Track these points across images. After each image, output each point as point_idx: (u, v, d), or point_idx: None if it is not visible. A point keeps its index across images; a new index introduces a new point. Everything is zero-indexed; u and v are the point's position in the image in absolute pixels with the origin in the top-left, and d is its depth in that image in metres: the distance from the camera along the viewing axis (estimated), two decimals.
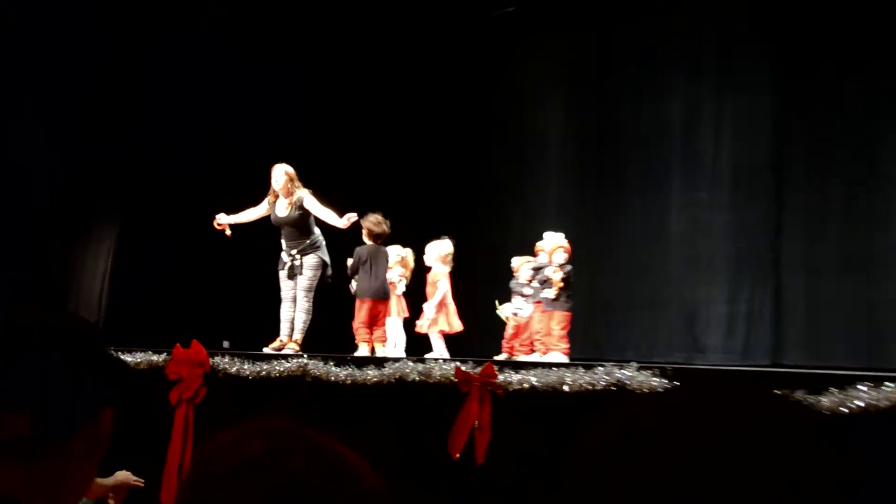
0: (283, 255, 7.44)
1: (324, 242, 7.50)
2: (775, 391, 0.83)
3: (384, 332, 7.42)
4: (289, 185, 7.43)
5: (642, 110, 9.85)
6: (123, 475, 4.32)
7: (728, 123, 9.50)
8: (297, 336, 7.28)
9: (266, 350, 7.07)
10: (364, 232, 7.42)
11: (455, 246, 7.92)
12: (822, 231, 9.03)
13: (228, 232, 7.52)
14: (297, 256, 7.35)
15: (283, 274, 7.42)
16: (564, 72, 10.32)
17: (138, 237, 9.18)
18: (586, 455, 0.78)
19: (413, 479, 5.27)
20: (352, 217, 7.23)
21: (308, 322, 7.34)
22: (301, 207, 7.36)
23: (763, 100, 9.34)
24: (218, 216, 7.54)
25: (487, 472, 5.38)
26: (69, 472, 1.29)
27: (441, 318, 7.70)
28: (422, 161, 10.29)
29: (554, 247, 7.58)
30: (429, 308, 7.64)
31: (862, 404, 4.90)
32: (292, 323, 7.32)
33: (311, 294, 7.38)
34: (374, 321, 7.33)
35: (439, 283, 7.67)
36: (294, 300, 7.35)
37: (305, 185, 7.57)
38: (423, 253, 7.95)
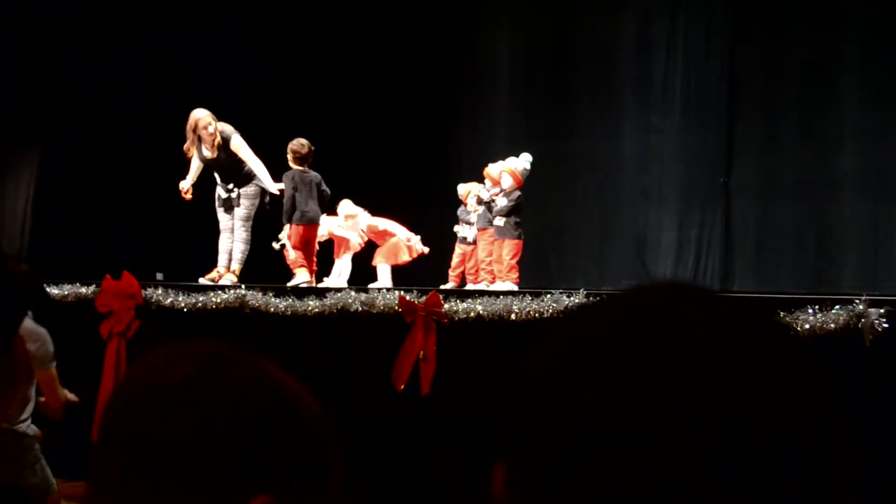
0: (219, 190, 7.17)
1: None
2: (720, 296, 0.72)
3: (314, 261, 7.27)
4: (203, 132, 7.13)
5: (593, 33, 9.66)
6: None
7: (680, 46, 9.36)
8: (235, 266, 7.06)
9: (202, 281, 6.83)
10: (290, 157, 7.16)
11: (409, 174, 7.74)
12: (773, 156, 9.01)
13: (189, 196, 7.26)
14: (234, 188, 7.12)
15: (220, 208, 7.18)
16: None
17: (64, 162, 8.84)
18: (528, 384, 0.70)
19: (357, 412, 5.15)
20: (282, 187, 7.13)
21: (246, 252, 7.13)
22: (226, 150, 7.13)
23: (716, 22, 9.22)
24: (181, 185, 7.21)
25: (432, 403, 5.30)
26: None
27: (386, 249, 7.56)
28: (373, 89, 10.01)
29: (501, 171, 7.36)
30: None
31: (809, 327, 4.87)
32: (230, 254, 7.10)
33: (250, 223, 7.17)
34: (309, 247, 7.14)
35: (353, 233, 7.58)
36: (232, 230, 7.13)
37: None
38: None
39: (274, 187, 7.09)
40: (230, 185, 7.14)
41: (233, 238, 7.12)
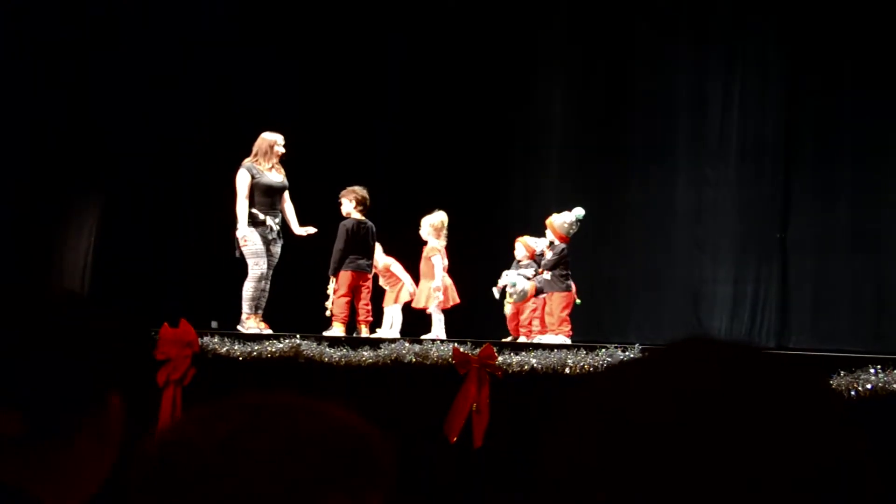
0: (271, 222, 7.18)
1: None
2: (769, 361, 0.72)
3: (369, 310, 7.32)
4: (279, 153, 7.30)
5: (649, 84, 9.66)
6: None
7: (736, 98, 9.32)
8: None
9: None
10: (354, 204, 7.27)
11: (457, 224, 7.74)
12: (830, 210, 8.91)
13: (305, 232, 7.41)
14: (279, 229, 7.24)
15: (264, 239, 7.14)
16: (570, 44, 10.11)
17: (124, 211, 9.01)
18: (561, 444, 0.71)
19: (409, 464, 5.13)
20: (310, 231, 7.33)
21: None
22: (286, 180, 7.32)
23: (773, 74, 9.18)
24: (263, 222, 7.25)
25: (485, 456, 5.27)
26: (75, 464, 1.22)
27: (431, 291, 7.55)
28: (422, 138, 10.10)
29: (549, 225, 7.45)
30: (427, 286, 7.47)
31: (871, 387, 4.78)
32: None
33: None
34: (358, 294, 7.22)
35: (433, 258, 7.49)
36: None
37: (298, 160, 7.49)
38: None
39: (298, 231, 7.32)
40: (277, 220, 7.25)
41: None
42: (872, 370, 4.81)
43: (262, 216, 7.13)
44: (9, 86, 8.46)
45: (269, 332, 6.74)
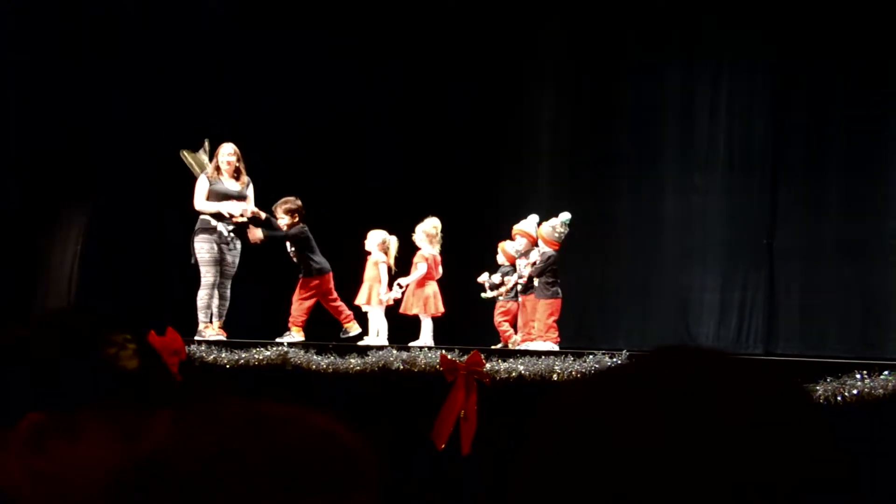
0: (221, 227, 7.26)
1: None
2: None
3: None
4: (238, 164, 7.44)
5: (637, 92, 9.69)
6: None
7: (724, 107, 9.35)
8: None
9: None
10: (297, 215, 7.48)
11: (445, 232, 7.77)
12: (817, 217, 8.93)
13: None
14: (232, 236, 7.28)
15: (215, 247, 7.25)
16: (558, 53, 10.14)
17: (109, 221, 8.99)
18: (542, 448, 0.71)
19: (396, 471, 5.12)
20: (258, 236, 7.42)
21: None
22: (247, 190, 7.42)
23: (760, 83, 9.20)
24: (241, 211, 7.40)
25: (473, 464, 5.26)
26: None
27: (420, 299, 7.54)
28: (411, 146, 10.11)
29: (515, 232, 7.53)
30: (402, 283, 7.53)
31: (856, 393, 4.80)
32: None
33: None
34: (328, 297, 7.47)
35: (419, 263, 7.54)
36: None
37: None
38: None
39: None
40: (230, 229, 7.33)
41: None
42: (858, 376, 4.82)
43: (213, 223, 7.22)
44: None
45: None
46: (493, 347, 6.91)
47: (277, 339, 6.58)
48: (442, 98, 10.02)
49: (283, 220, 7.45)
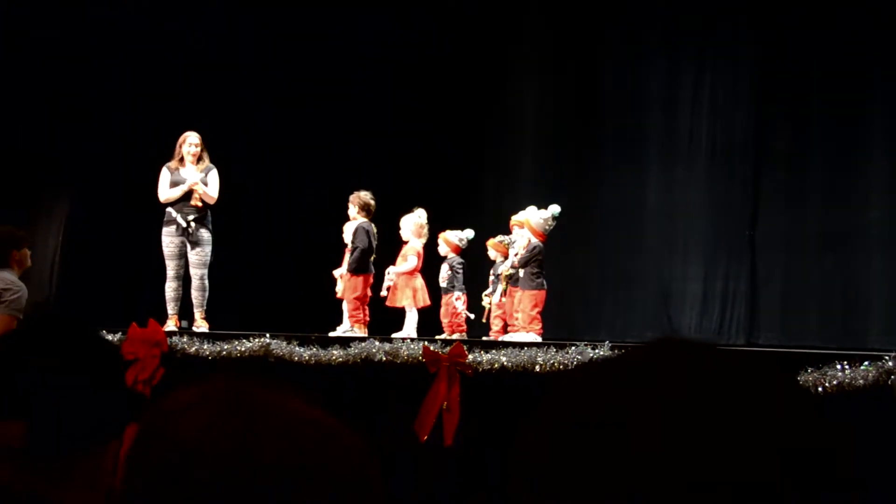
0: (179, 219, 7.21)
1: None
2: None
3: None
4: (202, 153, 7.41)
5: (620, 84, 9.70)
6: None
7: (706, 98, 9.38)
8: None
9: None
10: (365, 210, 7.32)
11: (428, 221, 7.76)
12: (799, 208, 8.97)
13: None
14: (193, 224, 7.22)
15: (176, 240, 7.23)
16: (540, 45, 10.13)
17: (91, 212, 8.93)
18: (537, 442, 0.71)
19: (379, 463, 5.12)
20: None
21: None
22: (206, 177, 7.36)
23: (743, 75, 9.24)
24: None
25: (455, 455, 5.27)
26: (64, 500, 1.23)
27: (408, 291, 7.52)
28: (393, 138, 10.08)
29: (513, 223, 7.50)
30: (404, 284, 7.50)
31: (837, 383, 4.83)
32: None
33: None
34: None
35: (410, 256, 7.52)
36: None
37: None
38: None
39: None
40: (190, 218, 7.26)
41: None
42: (839, 366, 4.85)
43: (174, 214, 7.23)
44: None
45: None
46: (484, 339, 6.91)
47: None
48: (422, 91, 9.99)
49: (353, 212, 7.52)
